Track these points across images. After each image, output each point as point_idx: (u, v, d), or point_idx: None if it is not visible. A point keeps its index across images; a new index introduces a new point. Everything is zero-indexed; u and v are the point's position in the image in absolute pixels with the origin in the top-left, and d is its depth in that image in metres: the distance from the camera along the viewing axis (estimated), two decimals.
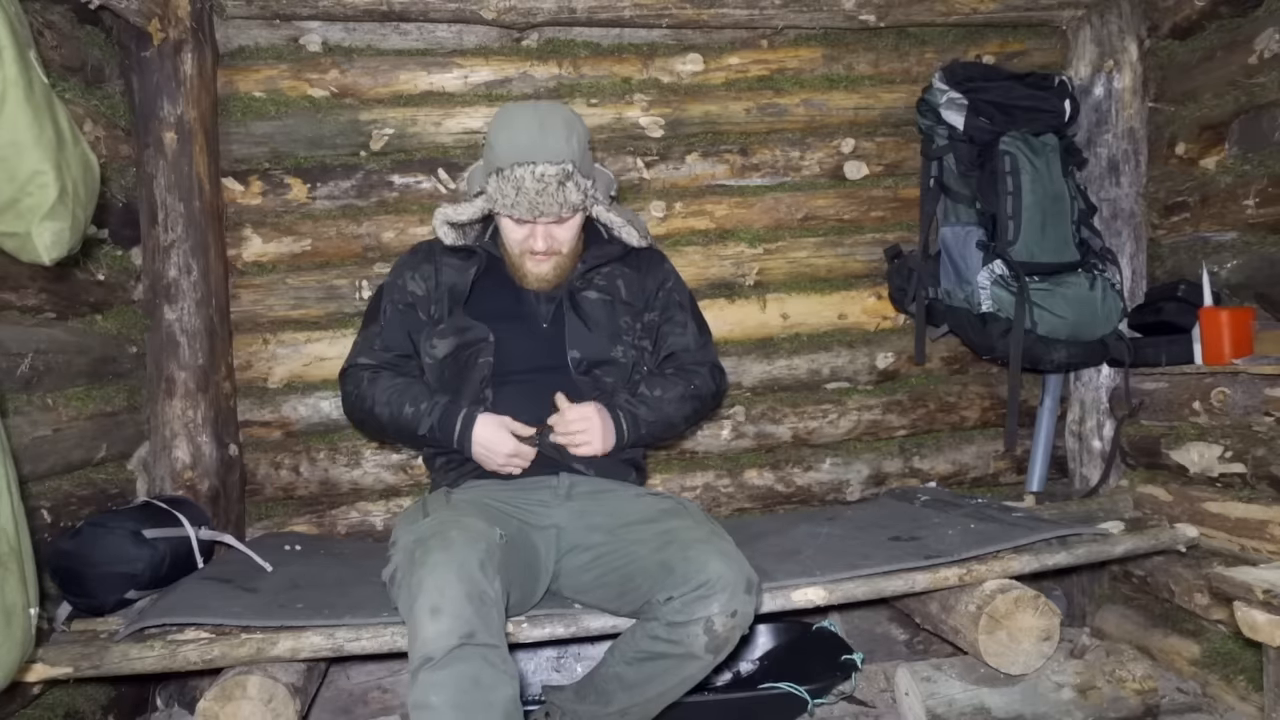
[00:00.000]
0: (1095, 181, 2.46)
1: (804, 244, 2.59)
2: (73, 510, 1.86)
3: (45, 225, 0.99)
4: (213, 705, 1.56)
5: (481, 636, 1.29)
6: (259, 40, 2.39)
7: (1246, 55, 2.11)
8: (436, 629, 1.28)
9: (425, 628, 1.29)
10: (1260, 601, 1.35)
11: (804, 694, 1.89)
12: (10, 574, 0.99)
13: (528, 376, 1.75)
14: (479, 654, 1.28)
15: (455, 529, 1.43)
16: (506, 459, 1.68)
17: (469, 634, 1.28)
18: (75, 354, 1.91)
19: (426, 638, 1.28)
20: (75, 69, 1.97)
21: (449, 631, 1.28)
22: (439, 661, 1.27)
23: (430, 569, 1.33)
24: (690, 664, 1.47)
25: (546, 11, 2.33)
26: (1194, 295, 2.16)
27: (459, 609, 1.29)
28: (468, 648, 1.28)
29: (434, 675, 1.26)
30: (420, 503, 1.71)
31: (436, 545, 1.38)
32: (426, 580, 1.32)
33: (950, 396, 2.65)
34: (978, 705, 1.78)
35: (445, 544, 1.38)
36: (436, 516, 1.53)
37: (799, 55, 2.58)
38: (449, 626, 1.28)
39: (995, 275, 2.21)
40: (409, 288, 1.83)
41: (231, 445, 2.26)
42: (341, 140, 2.41)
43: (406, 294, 1.83)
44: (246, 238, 2.38)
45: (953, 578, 1.81)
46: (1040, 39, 2.64)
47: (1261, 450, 1.94)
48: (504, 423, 1.68)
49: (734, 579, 1.43)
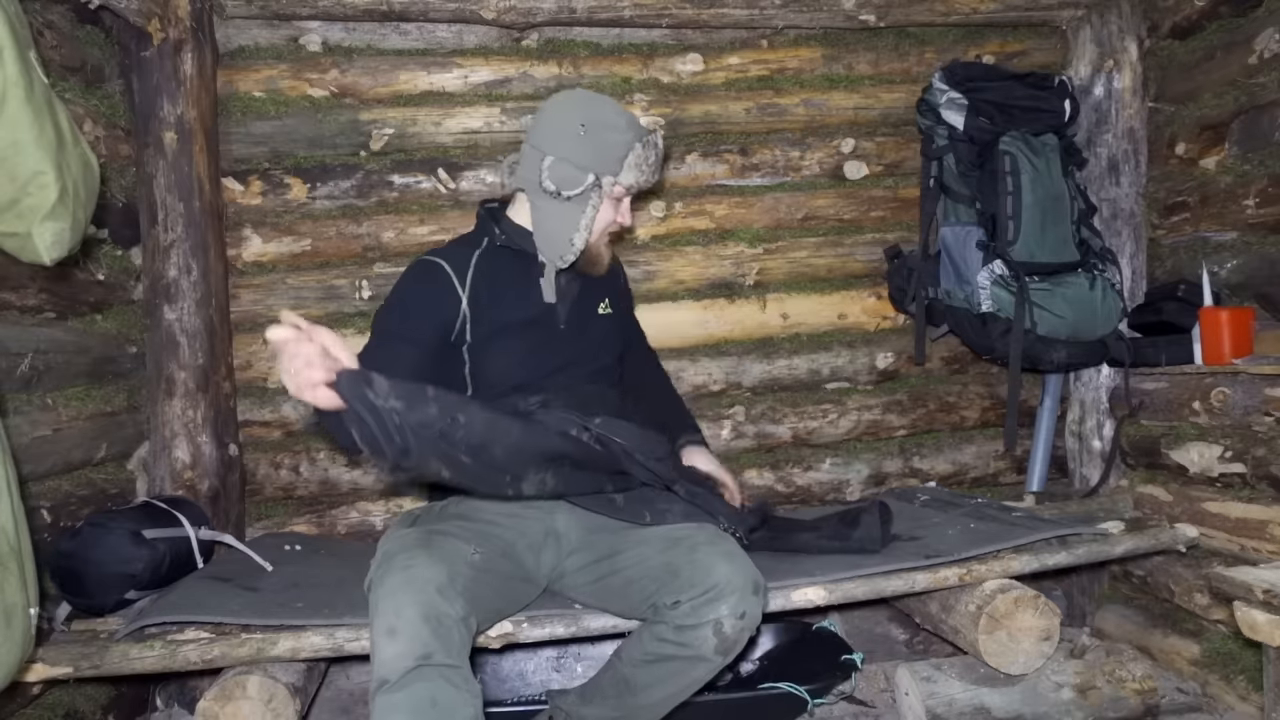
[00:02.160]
0: (1095, 181, 2.46)
1: (804, 244, 2.59)
2: (73, 510, 1.86)
3: (46, 225, 0.99)
4: (213, 705, 1.56)
5: (439, 657, 1.28)
6: (259, 40, 2.39)
7: (1246, 55, 2.11)
8: (393, 650, 1.28)
9: (382, 649, 1.29)
10: (1260, 601, 1.35)
11: (804, 694, 1.89)
12: (10, 574, 0.99)
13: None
14: (438, 673, 1.27)
15: (422, 549, 1.41)
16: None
17: (425, 655, 1.27)
18: (75, 354, 1.91)
19: (383, 659, 1.28)
20: (75, 69, 1.97)
21: (405, 653, 1.27)
22: (395, 684, 1.26)
23: (388, 590, 1.33)
24: (699, 666, 1.47)
25: (546, 11, 2.33)
26: (1194, 295, 2.16)
27: (415, 630, 1.28)
28: (425, 668, 1.27)
29: (390, 697, 1.26)
30: (412, 512, 1.70)
31: (399, 565, 1.37)
32: (383, 602, 1.32)
33: (950, 396, 2.65)
34: (978, 705, 1.78)
35: (407, 564, 1.37)
36: (416, 531, 1.52)
37: (799, 55, 2.58)
38: (405, 648, 1.27)
39: (995, 275, 2.21)
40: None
41: (231, 445, 2.26)
42: (341, 140, 2.41)
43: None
44: (246, 238, 2.38)
45: (953, 578, 1.81)
46: (1040, 39, 2.64)
47: (1261, 450, 1.94)
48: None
49: (742, 581, 1.43)
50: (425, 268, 1.70)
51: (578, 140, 1.61)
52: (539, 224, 1.69)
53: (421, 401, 1.27)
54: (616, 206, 1.70)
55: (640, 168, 1.64)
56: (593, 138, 1.61)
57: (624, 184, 1.65)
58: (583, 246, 1.67)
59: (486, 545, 1.53)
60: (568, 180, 1.61)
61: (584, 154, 1.61)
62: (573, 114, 1.63)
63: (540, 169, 1.62)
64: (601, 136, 1.61)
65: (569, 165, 1.61)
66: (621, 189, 1.66)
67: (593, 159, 1.61)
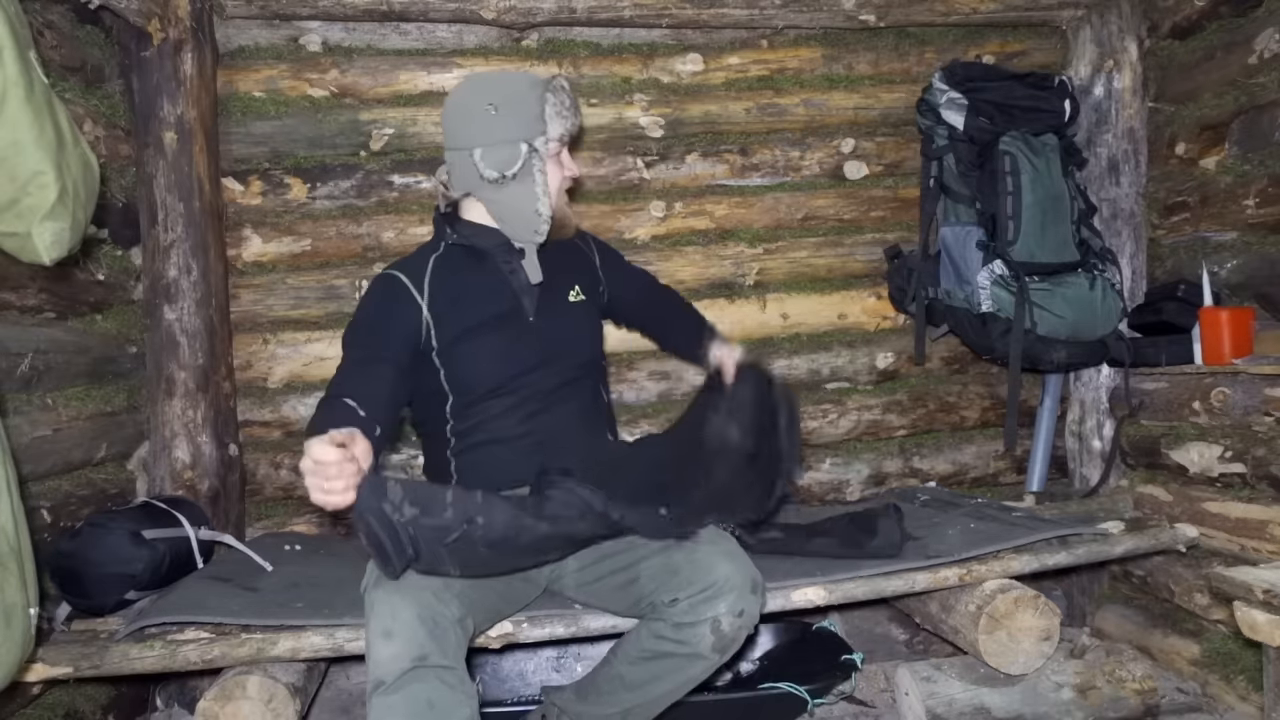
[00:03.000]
0: (1095, 181, 2.46)
1: (804, 244, 2.59)
2: (73, 510, 1.86)
3: (45, 225, 0.99)
4: (213, 705, 1.56)
5: (435, 658, 1.28)
6: (259, 40, 2.39)
7: (1246, 55, 2.11)
8: (389, 652, 1.28)
9: (378, 650, 1.29)
10: (1260, 601, 1.35)
11: (804, 694, 1.89)
12: (10, 574, 0.99)
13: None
14: (434, 675, 1.27)
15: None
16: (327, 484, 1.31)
17: (421, 656, 1.27)
18: (75, 354, 1.91)
19: (379, 660, 1.28)
20: (75, 69, 1.97)
21: (401, 654, 1.27)
22: (391, 685, 1.26)
23: (384, 591, 1.33)
24: (696, 664, 1.47)
25: (546, 11, 2.33)
26: (1194, 295, 2.16)
27: (411, 632, 1.28)
28: (421, 670, 1.27)
29: (387, 699, 1.26)
30: None
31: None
32: (379, 603, 1.32)
33: (950, 396, 2.65)
34: (978, 705, 1.78)
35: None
36: None
37: (799, 55, 2.58)
38: (401, 649, 1.27)
39: (995, 275, 2.21)
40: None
41: (231, 445, 2.26)
42: (341, 140, 2.41)
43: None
44: (246, 238, 2.38)
45: (953, 578, 1.81)
46: (1040, 39, 2.64)
47: (1261, 450, 1.94)
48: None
49: (740, 580, 1.43)
50: (383, 282, 1.69)
51: (494, 120, 1.61)
52: (499, 214, 1.68)
53: (439, 507, 1.29)
54: (560, 163, 1.70)
55: (561, 114, 1.65)
56: (506, 110, 1.61)
57: (554, 137, 1.65)
58: (550, 212, 1.66)
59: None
60: (504, 160, 1.61)
61: (506, 129, 1.61)
62: (477, 101, 1.62)
63: (475, 164, 1.62)
64: (513, 105, 1.61)
65: (499, 146, 1.61)
66: (555, 144, 1.66)
67: (516, 129, 1.61)
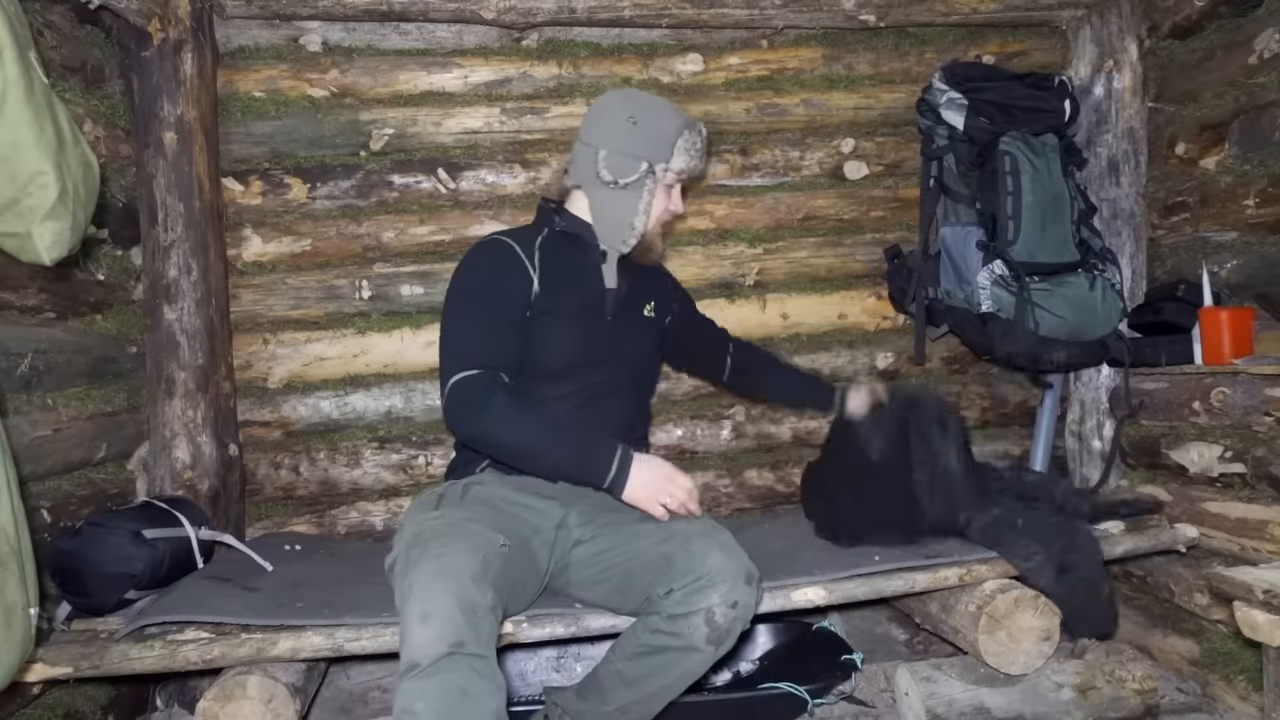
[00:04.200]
0: (1095, 181, 2.46)
1: (804, 244, 2.59)
2: (73, 510, 1.86)
3: (46, 225, 0.99)
4: (213, 705, 1.56)
5: (471, 646, 1.28)
6: (259, 40, 2.39)
7: (1246, 55, 2.11)
8: (425, 636, 1.27)
9: (415, 634, 1.28)
10: (1260, 601, 1.35)
11: (804, 694, 1.89)
12: (10, 574, 0.99)
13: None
14: (467, 663, 1.27)
15: (456, 535, 1.42)
16: (688, 494, 1.61)
17: (458, 643, 1.27)
18: (75, 354, 1.91)
19: (415, 644, 1.28)
20: (75, 69, 1.97)
21: (438, 639, 1.27)
22: (425, 670, 1.26)
23: (423, 574, 1.33)
24: (691, 657, 1.48)
25: (546, 11, 2.33)
26: (1194, 295, 2.16)
27: (450, 617, 1.28)
28: (456, 657, 1.27)
29: (420, 683, 1.25)
30: (436, 493, 1.70)
31: (433, 551, 1.38)
32: (418, 585, 1.32)
33: (950, 396, 2.65)
34: (978, 705, 1.78)
35: (441, 550, 1.37)
36: (445, 514, 1.52)
37: (799, 55, 2.58)
38: (438, 634, 1.27)
39: (995, 275, 2.21)
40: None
41: (231, 445, 2.26)
42: (341, 140, 2.41)
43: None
44: (246, 238, 2.38)
45: (953, 578, 1.81)
46: (1040, 39, 2.64)
47: (1261, 450, 1.94)
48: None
49: (734, 570, 1.45)
50: (497, 248, 1.76)
51: (629, 132, 1.73)
52: (599, 213, 1.78)
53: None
54: (669, 195, 1.80)
55: (689, 153, 1.76)
56: (643, 129, 1.73)
57: (674, 170, 1.76)
58: (643, 230, 1.77)
59: (510, 538, 1.54)
60: (623, 169, 1.73)
61: (636, 144, 1.73)
62: (622, 109, 1.74)
63: (596, 162, 1.74)
64: (651, 127, 1.73)
65: (623, 156, 1.73)
66: (673, 175, 1.77)
67: (644, 148, 1.73)
